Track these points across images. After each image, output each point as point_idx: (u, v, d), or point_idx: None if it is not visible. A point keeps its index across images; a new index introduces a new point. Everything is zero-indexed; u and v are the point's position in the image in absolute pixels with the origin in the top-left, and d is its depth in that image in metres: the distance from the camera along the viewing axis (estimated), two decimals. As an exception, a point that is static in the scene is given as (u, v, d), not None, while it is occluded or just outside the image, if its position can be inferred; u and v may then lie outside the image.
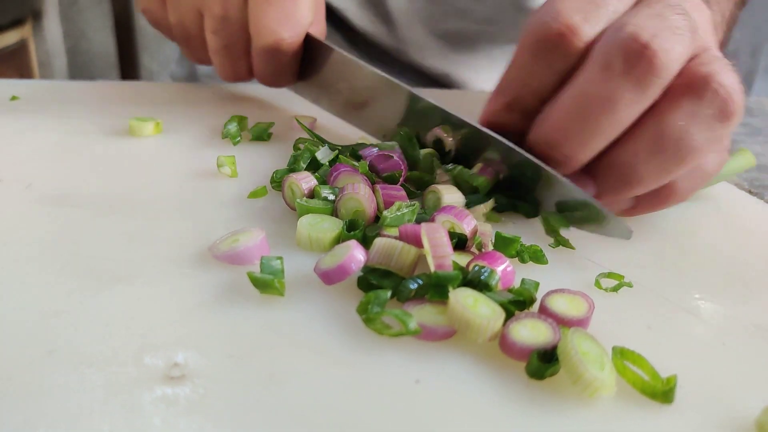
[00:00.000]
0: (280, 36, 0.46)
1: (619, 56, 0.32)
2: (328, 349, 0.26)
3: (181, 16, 0.51)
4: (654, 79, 0.32)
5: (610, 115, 0.33)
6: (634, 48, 0.32)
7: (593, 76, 0.33)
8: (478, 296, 0.27)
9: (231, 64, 0.51)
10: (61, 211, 0.35)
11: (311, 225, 0.32)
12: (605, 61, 0.33)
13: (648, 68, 0.32)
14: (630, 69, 0.32)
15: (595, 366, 0.24)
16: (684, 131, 0.33)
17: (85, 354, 0.24)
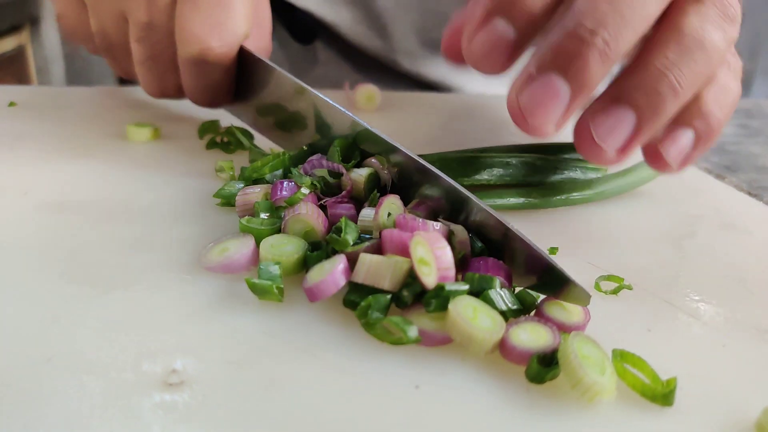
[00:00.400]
0: (207, 45, 0.41)
1: None
2: (326, 355, 0.26)
3: (103, 23, 0.46)
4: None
5: (638, 5, 0.30)
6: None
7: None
8: (477, 305, 0.26)
9: (157, 77, 0.46)
10: (59, 218, 0.35)
11: (274, 247, 0.31)
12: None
13: None
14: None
15: (595, 370, 0.24)
16: (701, 28, 0.31)
17: (83, 361, 0.24)
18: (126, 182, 0.41)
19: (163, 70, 0.45)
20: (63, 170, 0.42)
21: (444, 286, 0.27)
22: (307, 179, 0.35)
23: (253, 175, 0.38)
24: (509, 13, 0.32)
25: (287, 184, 0.35)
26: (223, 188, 0.38)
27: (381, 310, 0.27)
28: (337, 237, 0.30)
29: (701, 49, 0.32)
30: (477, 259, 0.30)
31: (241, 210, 0.35)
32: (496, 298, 0.27)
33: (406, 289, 0.28)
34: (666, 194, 0.45)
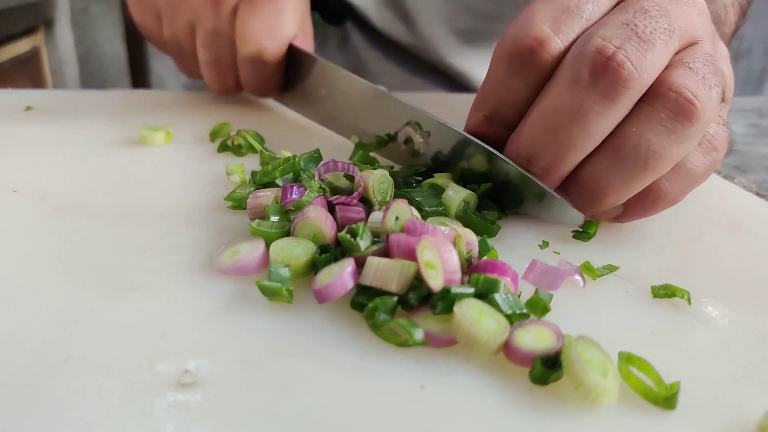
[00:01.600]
0: (262, 45, 0.50)
1: (586, 69, 0.32)
2: (334, 356, 0.26)
3: (176, 31, 0.54)
4: (622, 89, 0.32)
5: (580, 128, 0.33)
6: (599, 61, 0.32)
7: (561, 89, 0.33)
8: (482, 308, 0.27)
9: (220, 76, 0.54)
10: (75, 222, 0.36)
11: (283, 250, 0.31)
12: (572, 74, 0.33)
13: (614, 80, 0.32)
14: (596, 81, 0.32)
15: (598, 372, 0.24)
16: (638, 137, 0.33)
17: (99, 362, 0.25)
18: (140, 186, 0.41)
19: (225, 70, 0.54)
20: (78, 174, 0.43)
21: (450, 289, 0.27)
22: (316, 183, 0.35)
23: (263, 179, 0.39)
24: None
25: (297, 188, 0.35)
26: (235, 191, 0.39)
27: (388, 312, 0.28)
28: (350, 238, 0.31)
29: (634, 158, 0.34)
30: (483, 261, 0.31)
31: (252, 213, 0.35)
32: (501, 302, 0.28)
33: (412, 291, 0.28)
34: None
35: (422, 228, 0.30)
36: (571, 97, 0.33)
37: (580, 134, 0.33)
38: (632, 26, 0.33)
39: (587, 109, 0.33)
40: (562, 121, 0.33)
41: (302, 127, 0.54)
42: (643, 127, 0.33)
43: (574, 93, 0.33)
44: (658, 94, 0.33)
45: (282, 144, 0.49)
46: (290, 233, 0.33)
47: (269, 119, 0.56)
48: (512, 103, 0.36)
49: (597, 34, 0.33)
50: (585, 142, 0.34)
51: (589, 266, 0.33)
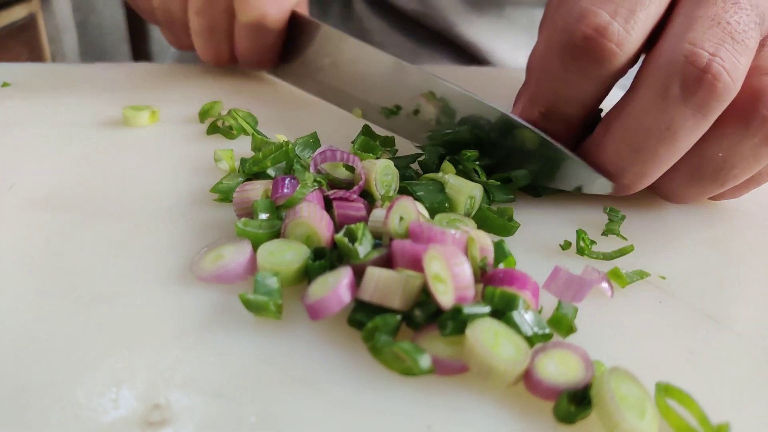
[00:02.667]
0: (264, 11, 0.45)
1: (676, 82, 0.29)
2: (327, 387, 0.23)
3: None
4: (716, 104, 0.29)
5: (670, 145, 0.30)
6: (692, 73, 0.28)
7: (649, 103, 0.30)
8: (499, 329, 0.23)
9: (213, 45, 0.50)
10: (43, 217, 0.33)
11: (272, 255, 0.28)
12: (661, 87, 0.29)
13: (709, 94, 0.29)
14: (689, 96, 0.29)
15: (635, 413, 0.21)
16: (724, 162, 0.31)
17: (56, 395, 0.22)
18: (119, 173, 0.38)
19: (219, 39, 0.49)
20: (51, 161, 0.39)
21: (462, 309, 0.23)
22: (310, 175, 0.31)
23: (253, 168, 0.35)
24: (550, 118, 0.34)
25: (289, 181, 0.31)
26: (221, 182, 0.35)
27: (390, 333, 0.24)
28: (347, 242, 0.27)
29: (714, 179, 0.33)
30: (499, 270, 0.27)
31: (239, 209, 0.32)
32: (521, 322, 0.24)
33: (418, 308, 0.25)
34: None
35: (430, 232, 0.27)
36: (660, 113, 0.30)
37: (668, 152, 0.31)
38: (724, 24, 0.29)
39: (678, 126, 0.30)
40: (649, 139, 0.30)
41: (302, 106, 0.50)
42: (731, 152, 0.31)
43: (663, 108, 0.29)
44: (756, 116, 0.30)
45: (278, 125, 0.45)
46: (281, 234, 0.29)
47: (267, 96, 0.52)
48: (573, 98, 0.33)
49: (686, 38, 0.29)
50: (672, 159, 0.31)
51: (617, 272, 0.30)
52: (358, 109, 0.44)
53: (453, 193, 0.33)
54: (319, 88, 0.48)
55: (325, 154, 0.33)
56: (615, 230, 0.33)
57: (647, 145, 0.31)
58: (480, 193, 0.33)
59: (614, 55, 0.30)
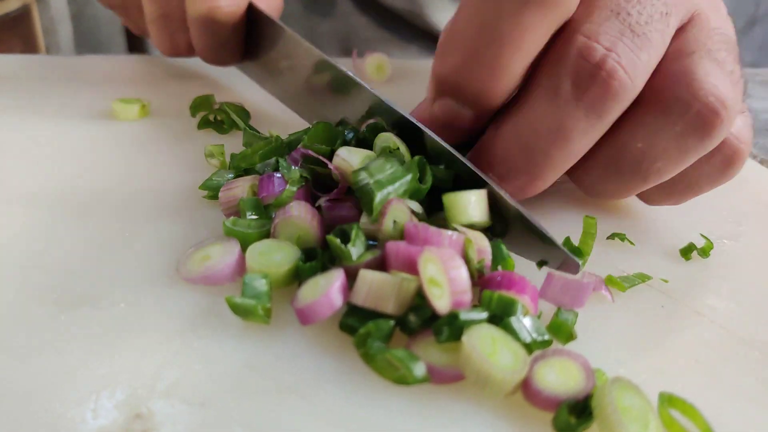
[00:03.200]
0: (215, 4, 0.41)
1: (568, 79, 0.26)
2: (318, 395, 0.22)
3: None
4: (612, 104, 0.26)
5: (562, 147, 0.27)
6: (585, 69, 0.26)
7: (540, 102, 0.27)
8: (497, 336, 0.22)
9: (168, 35, 0.45)
10: (26, 214, 0.31)
11: (262, 255, 0.26)
12: (553, 84, 0.27)
13: (603, 93, 0.26)
14: (581, 95, 0.26)
15: (638, 425, 0.20)
16: (642, 153, 0.28)
17: (31, 404, 0.21)
18: (106, 169, 0.37)
19: (174, 28, 0.45)
20: (38, 155, 0.38)
21: (458, 315, 0.22)
22: (296, 172, 0.30)
23: (242, 164, 0.34)
24: (456, 97, 0.29)
25: (277, 178, 0.30)
26: (211, 178, 0.34)
27: (383, 339, 0.23)
28: (339, 243, 0.26)
29: (634, 172, 0.29)
30: (497, 274, 0.26)
31: (226, 207, 0.31)
32: (519, 328, 0.23)
33: (413, 313, 0.24)
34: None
35: (425, 233, 0.26)
36: (551, 113, 0.27)
37: (561, 154, 0.28)
38: (624, 15, 0.27)
39: (570, 127, 0.27)
40: (539, 141, 0.27)
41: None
42: (651, 142, 0.28)
43: (554, 107, 0.27)
44: (678, 102, 0.27)
45: (275, 121, 0.44)
46: (270, 234, 0.28)
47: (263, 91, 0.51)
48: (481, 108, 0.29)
49: (581, 30, 0.26)
50: (566, 162, 0.28)
51: (612, 279, 0.29)
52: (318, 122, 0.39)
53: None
54: (281, 93, 0.43)
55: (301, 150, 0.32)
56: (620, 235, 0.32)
57: (538, 146, 0.28)
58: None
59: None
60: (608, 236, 0.33)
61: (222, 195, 0.31)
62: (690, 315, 0.28)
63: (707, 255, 0.32)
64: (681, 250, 0.32)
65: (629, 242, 0.32)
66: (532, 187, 0.29)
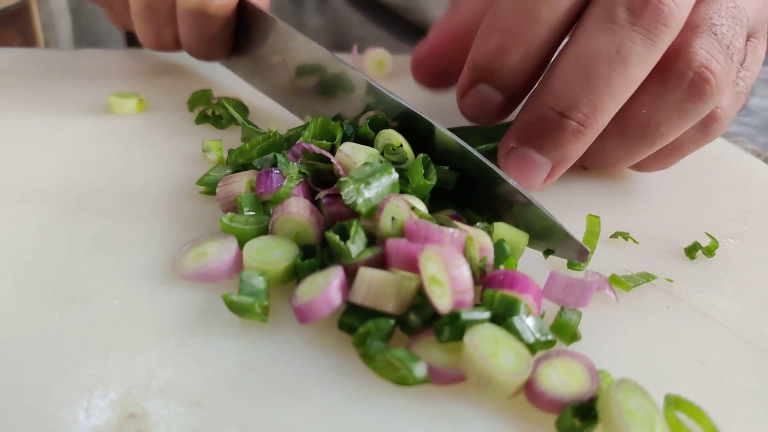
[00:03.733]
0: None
1: (623, 7, 0.29)
2: (316, 396, 0.21)
3: None
4: (663, 28, 0.29)
5: (620, 72, 0.29)
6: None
7: (597, 29, 0.29)
8: (499, 336, 0.22)
9: (154, 28, 0.44)
10: (20, 209, 0.31)
11: (259, 252, 0.26)
12: (607, 11, 0.29)
13: (655, 16, 0.28)
14: (636, 19, 0.28)
15: (644, 428, 0.19)
16: (648, 119, 0.31)
17: (23, 403, 0.20)
18: (102, 164, 0.36)
19: (161, 21, 0.43)
20: (34, 151, 0.37)
21: (460, 315, 0.22)
22: (294, 167, 0.30)
23: (239, 160, 0.33)
24: (492, 81, 0.32)
25: (275, 174, 0.30)
26: (208, 174, 0.33)
27: (383, 338, 0.23)
28: (338, 240, 0.25)
29: (641, 137, 0.32)
30: (499, 272, 0.25)
31: (224, 203, 0.30)
32: (522, 328, 0.23)
33: (413, 312, 0.23)
34: (709, 184, 0.40)
35: (426, 230, 0.25)
36: (609, 38, 0.29)
37: (620, 79, 0.29)
38: None
39: (627, 50, 0.28)
40: (599, 66, 0.29)
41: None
42: (655, 108, 0.31)
43: (611, 33, 0.29)
44: (675, 71, 0.30)
45: (273, 116, 0.44)
46: (268, 230, 0.28)
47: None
48: (538, 28, 0.30)
49: None
50: (625, 89, 0.29)
51: (616, 279, 0.28)
52: (310, 117, 0.39)
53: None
54: (270, 88, 0.42)
55: (302, 145, 0.31)
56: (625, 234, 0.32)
57: (599, 72, 0.29)
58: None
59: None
60: (611, 235, 0.32)
61: (219, 190, 0.30)
62: (695, 315, 0.27)
63: (712, 254, 0.31)
64: (686, 249, 0.32)
65: (633, 241, 0.32)
66: (593, 122, 0.29)
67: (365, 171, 0.28)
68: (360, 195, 0.26)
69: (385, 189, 0.28)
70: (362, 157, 0.29)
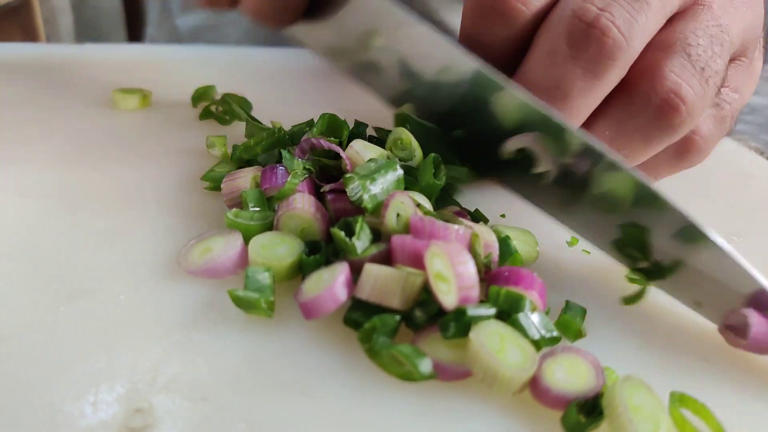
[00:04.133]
0: None
1: (563, 39, 0.27)
2: (322, 391, 0.21)
3: None
4: (607, 62, 0.27)
5: (562, 105, 0.28)
6: (578, 27, 0.26)
7: (539, 62, 0.28)
8: (505, 333, 0.22)
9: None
10: (23, 205, 0.31)
11: (264, 248, 0.26)
12: (549, 43, 0.27)
13: (597, 50, 0.26)
14: (577, 53, 0.27)
15: (649, 425, 0.19)
16: (611, 141, 0.29)
17: (29, 398, 0.20)
18: (106, 160, 0.36)
19: None
20: (36, 146, 0.37)
21: (466, 311, 0.22)
22: (299, 163, 0.30)
23: (243, 156, 0.33)
24: None
25: (280, 170, 0.30)
26: (213, 169, 0.33)
27: (388, 334, 0.23)
28: (344, 236, 0.25)
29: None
30: (504, 269, 0.25)
31: (229, 199, 0.30)
32: (528, 324, 0.23)
33: (419, 308, 0.23)
34: (712, 182, 0.40)
35: (431, 227, 0.25)
36: (549, 71, 0.27)
37: (564, 113, 0.28)
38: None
39: (569, 84, 0.27)
40: (541, 99, 0.27)
41: (304, 93, 0.48)
42: (617, 131, 0.29)
43: (552, 67, 0.27)
44: (640, 94, 0.28)
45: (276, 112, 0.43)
46: (273, 226, 0.28)
47: (266, 81, 0.50)
48: (488, 57, 0.29)
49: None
50: (571, 120, 0.28)
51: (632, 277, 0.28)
52: (409, 106, 0.33)
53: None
54: (353, 69, 0.34)
55: (311, 141, 0.31)
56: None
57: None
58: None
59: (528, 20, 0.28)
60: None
61: (224, 186, 0.30)
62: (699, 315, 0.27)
63: None
64: None
65: None
66: None
67: (370, 167, 0.28)
68: (366, 191, 0.26)
69: (390, 185, 0.28)
70: (372, 156, 0.29)
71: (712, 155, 0.41)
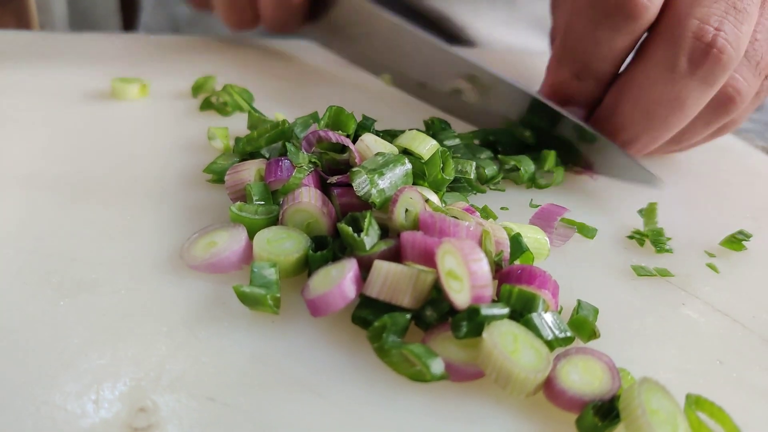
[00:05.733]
0: None
1: (684, 56, 0.31)
2: (330, 390, 0.21)
3: None
4: (720, 74, 0.31)
5: (679, 114, 0.32)
6: (698, 48, 0.30)
7: (658, 76, 0.32)
8: (518, 333, 0.21)
9: (238, 10, 0.48)
10: (23, 196, 0.30)
11: (270, 243, 0.25)
12: (668, 60, 0.31)
13: (714, 66, 0.30)
14: (696, 69, 0.31)
15: (667, 428, 0.19)
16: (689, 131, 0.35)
17: (30, 395, 0.20)
18: (106, 151, 0.35)
19: (244, 4, 0.47)
20: (35, 135, 0.36)
21: (479, 310, 0.21)
22: (305, 157, 0.29)
23: (247, 148, 0.32)
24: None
25: (285, 163, 0.29)
26: (216, 162, 0.33)
27: (399, 333, 0.22)
28: (352, 232, 0.25)
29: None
30: (516, 267, 0.25)
31: (232, 192, 0.29)
32: (541, 324, 0.22)
33: (430, 306, 0.23)
34: (720, 181, 0.39)
35: (442, 223, 0.25)
36: (669, 85, 0.31)
37: (677, 120, 0.32)
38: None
39: (686, 96, 0.31)
40: (660, 109, 0.32)
41: (305, 82, 0.47)
42: (695, 123, 0.34)
43: (671, 81, 0.31)
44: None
45: (278, 103, 0.43)
46: (278, 221, 0.27)
47: (266, 71, 0.49)
48: (605, 56, 0.33)
49: (693, 14, 0.30)
50: (680, 125, 0.33)
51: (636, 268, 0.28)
52: (388, 75, 0.44)
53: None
54: (347, 53, 0.47)
55: (318, 133, 0.31)
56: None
57: (658, 114, 0.32)
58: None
59: (646, 10, 0.31)
60: (628, 235, 0.32)
61: (228, 178, 0.29)
62: (712, 313, 0.27)
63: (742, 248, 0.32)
64: (723, 242, 0.32)
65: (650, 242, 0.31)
66: (649, 148, 0.35)
67: (378, 161, 0.27)
68: (374, 186, 0.26)
69: (398, 179, 0.27)
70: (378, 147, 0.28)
71: (719, 153, 0.41)
